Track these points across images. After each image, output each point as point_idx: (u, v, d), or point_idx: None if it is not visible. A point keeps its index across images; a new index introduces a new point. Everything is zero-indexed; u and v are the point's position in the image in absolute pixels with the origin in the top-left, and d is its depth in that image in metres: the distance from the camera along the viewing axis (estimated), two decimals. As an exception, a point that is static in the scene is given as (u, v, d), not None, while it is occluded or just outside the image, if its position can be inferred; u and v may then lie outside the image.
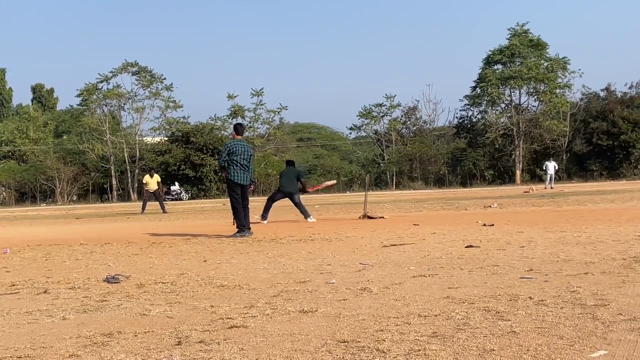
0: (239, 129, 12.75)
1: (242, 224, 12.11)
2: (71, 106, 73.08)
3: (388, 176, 67.43)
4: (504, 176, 62.90)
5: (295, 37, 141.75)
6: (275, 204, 16.77)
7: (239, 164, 12.10)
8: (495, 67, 64.66)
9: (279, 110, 70.59)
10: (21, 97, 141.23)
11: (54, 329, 4.60)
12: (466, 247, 8.70)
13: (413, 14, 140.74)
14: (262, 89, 69.63)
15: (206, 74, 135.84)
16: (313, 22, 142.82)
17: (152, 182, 27.42)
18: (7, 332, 4.58)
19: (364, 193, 18.70)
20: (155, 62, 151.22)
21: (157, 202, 27.65)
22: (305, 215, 15.97)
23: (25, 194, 65.97)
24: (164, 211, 26.26)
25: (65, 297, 5.95)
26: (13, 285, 6.88)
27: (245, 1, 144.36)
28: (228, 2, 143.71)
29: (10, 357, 3.90)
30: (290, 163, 17.10)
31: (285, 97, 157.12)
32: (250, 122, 70.40)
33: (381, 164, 69.56)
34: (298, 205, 16.16)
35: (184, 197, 57.07)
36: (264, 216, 15.92)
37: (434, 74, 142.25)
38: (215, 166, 60.76)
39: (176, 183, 58.54)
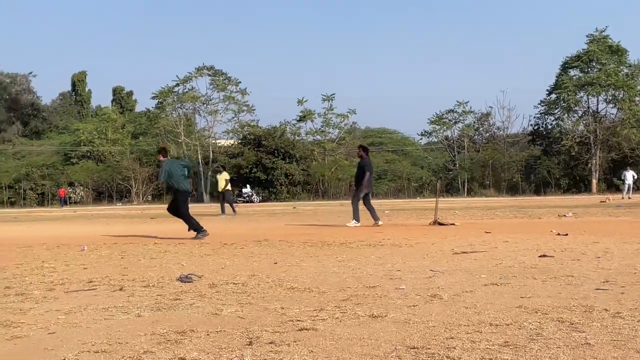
0: (164, 152, 14.60)
1: (199, 226, 13.36)
2: (148, 109, 74.87)
3: (459, 183, 66.69)
4: (579, 185, 61.38)
5: (366, 41, 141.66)
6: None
7: (181, 177, 13.73)
8: (572, 73, 63.21)
9: (348, 114, 70.75)
10: (100, 98, 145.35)
11: (129, 326, 4.72)
12: (539, 256, 8.53)
13: (488, 19, 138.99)
14: (333, 94, 69.99)
15: (276, 77, 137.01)
16: (385, 27, 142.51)
17: (220, 180, 26.99)
18: (84, 327, 4.72)
19: (434, 199, 18.54)
20: (228, 65, 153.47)
21: (226, 203, 26.81)
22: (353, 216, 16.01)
23: (102, 194, 67.82)
24: (224, 212, 25.95)
25: (140, 295, 6.10)
26: (90, 281, 7.08)
27: (316, 4, 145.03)
28: (300, 5, 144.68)
29: (88, 351, 4.03)
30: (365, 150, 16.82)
31: (357, 102, 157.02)
32: (321, 126, 70.78)
33: (452, 170, 68.85)
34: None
35: (255, 200, 57.67)
36: (375, 217, 15.91)
37: (508, 80, 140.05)
38: (286, 170, 61.26)
39: (248, 186, 59.21)
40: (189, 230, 13.50)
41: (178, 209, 13.83)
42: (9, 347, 4.21)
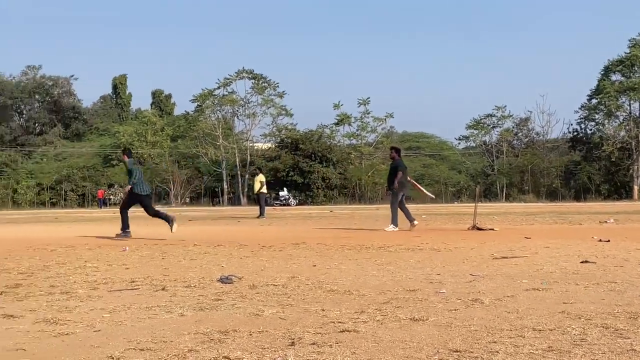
0: (129, 153, 15.38)
1: (126, 226, 14.59)
2: (187, 112, 75.54)
3: (498, 188, 66.14)
4: (620, 191, 60.47)
5: (404, 46, 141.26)
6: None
7: (143, 180, 14.89)
8: (614, 77, 62.29)
9: (385, 118, 70.68)
10: (140, 101, 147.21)
11: (173, 325, 4.79)
12: (581, 262, 8.43)
13: (526, 25, 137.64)
14: (369, 98, 70.04)
15: (314, 80, 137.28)
16: (423, 32, 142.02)
17: (255, 182, 26.96)
18: (129, 326, 4.80)
19: (472, 204, 18.42)
20: (265, 68, 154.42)
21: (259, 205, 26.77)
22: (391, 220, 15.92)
23: (141, 195, 68.47)
24: (261, 215, 25.86)
25: (182, 295, 6.17)
26: (133, 281, 7.18)
27: (355, 9, 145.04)
28: (338, 9, 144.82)
29: (134, 349, 4.09)
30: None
31: (395, 106, 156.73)
32: (357, 130, 70.77)
33: (491, 175, 68.32)
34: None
35: (292, 203, 57.85)
36: (410, 218, 15.84)
37: (548, 84, 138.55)
38: (323, 173, 61.34)
39: (285, 189, 59.44)
40: (118, 234, 14.44)
41: (145, 208, 14.75)
42: (57, 344, 4.29)
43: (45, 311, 5.42)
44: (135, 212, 16.05)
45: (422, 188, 18.98)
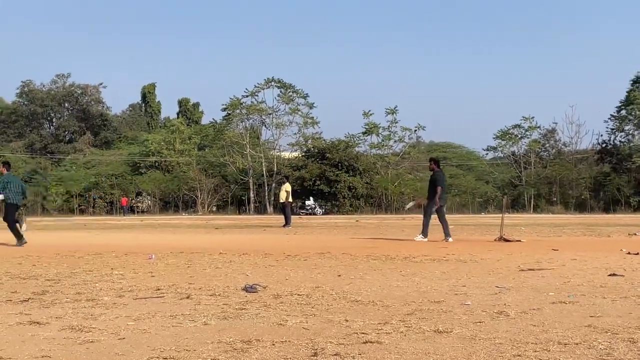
0: (8, 166, 15.98)
1: (19, 235, 15.25)
2: (214, 120, 75.95)
3: (525, 199, 65.60)
4: (650, 203, 59.65)
5: (432, 56, 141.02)
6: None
7: (12, 191, 15.42)
8: (644, 88, 61.60)
9: (416, 129, 70.52)
10: (167, 110, 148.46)
11: (197, 333, 4.80)
12: (609, 275, 8.33)
13: (555, 34, 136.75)
14: (396, 106, 69.84)
15: (341, 89, 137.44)
16: (450, 43, 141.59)
17: (281, 191, 26.94)
18: (153, 334, 4.82)
19: (499, 215, 18.29)
20: (292, 76, 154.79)
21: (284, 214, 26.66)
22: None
23: (169, 203, 69.01)
24: (286, 224, 25.77)
25: (206, 303, 6.20)
26: (158, 289, 7.23)
27: (384, 20, 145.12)
28: (366, 17, 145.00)
29: (157, 357, 4.12)
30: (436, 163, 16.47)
31: (423, 116, 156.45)
32: (383, 140, 70.64)
33: (518, 186, 67.80)
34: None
35: (318, 212, 57.84)
36: (446, 233, 15.66)
37: (578, 95, 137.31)
38: (349, 182, 61.28)
39: (311, 198, 59.47)
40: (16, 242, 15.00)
41: (5, 217, 15.52)
42: (81, 351, 4.33)
43: (70, 318, 5.47)
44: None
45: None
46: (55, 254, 12.20)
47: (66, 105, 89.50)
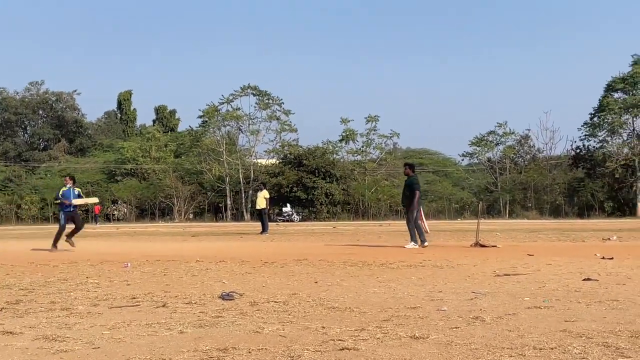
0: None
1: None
2: (191, 127, 75.72)
3: (501, 204, 66.05)
4: (623, 208, 60.24)
5: (408, 63, 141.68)
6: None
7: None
8: (617, 94, 62.31)
9: (391, 135, 70.79)
10: (145, 117, 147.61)
11: (172, 342, 4.77)
12: (583, 280, 8.40)
13: (529, 41, 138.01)
14: (377, 115, 70.05)
15: (319, 97, 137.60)
16: (426, 50, 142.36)
17: (259, 197, 26.83)
18: (128, 343, 4.78)
19: (475, 220, 18.38)
20: (270, 84, 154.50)
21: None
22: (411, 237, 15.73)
23: (145, 211, 68.62)
24: (264, 231, 25.61)
25: (182, 312, 6.16)
26: (134, 298, 7.17)
27: (358, 26, 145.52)
28: (343, 26, 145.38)
29: (132, 366, 4.08)
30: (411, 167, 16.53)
31: (399, 123, 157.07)
32: (362, 147, 70.82)
33: (494, 192, 68.27)
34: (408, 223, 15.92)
35: (295, 219, 57.79)
36: (422, 239, 15.69)
37: (552, 101, 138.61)
38: (326, 189, 61.32)
39: (288, 205, 59.41)
40: None
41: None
42: (55, 361, 4.28)
43: (44, 328, 5.41)
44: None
45: None
46: (30, 263, 12.08)
47: (40, 112, 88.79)
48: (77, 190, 16.84)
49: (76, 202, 16.60)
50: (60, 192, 16.50)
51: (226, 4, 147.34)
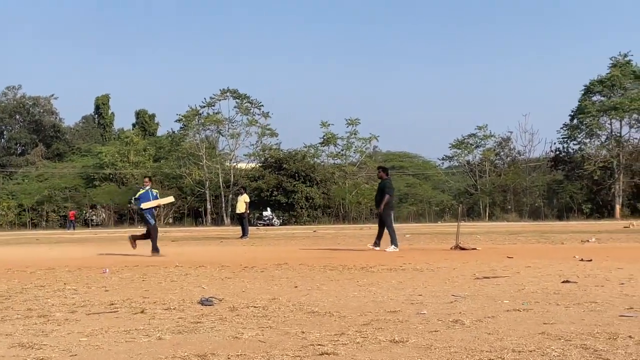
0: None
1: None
2: (172, 130, 75.42)
3: (481, 207, 66.39)
4: (602, 210, 60.79)
5: (387, 66, 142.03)
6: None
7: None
8: (595, 97, 62.93)
9: (370, 138, 70.87)
10: (123, 121, 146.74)
11: (151, 348, 4.73)
12: (562, 282, 8.45)
13: (508, 44, 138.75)
14: (358, 119, 70.10)
15: (300, 101, 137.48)
16: (406, 53, 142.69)
17: (239, 202, 26.73)
18: (106, 350, 4.74)
19: (455, 223, 18.43)
20: (252, 89, 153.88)
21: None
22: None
23: (124, 216, 68.19)
24: (244, 235, 25.55)
25: (161, 318, 6.11)
26: (112, 304, 7.11)
27: (341, 30, 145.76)
28: (325, 30, 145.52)
29: (109, 373, 4.04)
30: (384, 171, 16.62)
31: (379, 126, 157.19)
32: (342, 150, 70.88)
33: (474, 195, 68.61)
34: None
35: (276, 223, 57.68)
36: (376, 242, 15.79)
37: (531, 104, 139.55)
38: (307, 193, 61.30)
39: (268, 209, 59.30)
40: None
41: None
42: (31, 369, 4.23)
43: (21, 335, 5.35)
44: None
45: None
46: (6, 270, 11.94)
47: (17, 117, 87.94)
48: (155, 192, 16.22)
49: (147, 205, 15.73)
50: (138, 194, 15.87)
51: (205, 8, 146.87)
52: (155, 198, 16.16)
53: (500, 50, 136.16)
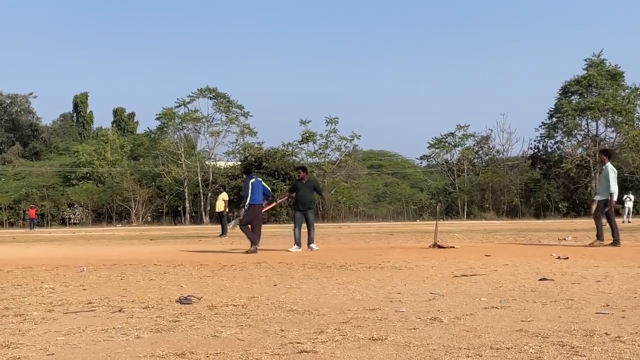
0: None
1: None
2: (150, 129, 75.02)
3: (459, 205, 66.74)
4: (578, 208, 61.36)
5: (368, 64, 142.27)
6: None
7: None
8: (572, 97, 63.51)
9: (351, 138, 70.91)
10: (102, 120, 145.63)
11: (129, 347, 4.71)
12: (539, 279, 8.52)
13: (486, 44, 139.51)
14: (337, 118, 70.10)
15: (281, 100, 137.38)
16: (387, 52, 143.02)
17: (219, 200, 26.62)
18: (83, 349, 4.70)
19: (434, 222, 18.52)
20: (231, 87, 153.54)
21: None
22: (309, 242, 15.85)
23: (102, 215, 67.82)
24: (223, 234, 25.52)
25: (139, 316, 6.08)
26: (89, 303, 7.07)
27: (319, 28, 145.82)
28: (305, 29, 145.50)
29: (87, 372, 4.01)
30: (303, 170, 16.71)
31: (359, 124, 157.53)
32: (320, 149, 70.89)
33: (452, 193, 68.93)
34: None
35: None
36: (296, 240, 15.83)
37: (509, 104, 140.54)
38: (286, 191, 61.30)
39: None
40: None
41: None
42: (8, 368, 4.19)
43: (-3, 335, 5.30)
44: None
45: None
46: (-18, 269, 11.81)
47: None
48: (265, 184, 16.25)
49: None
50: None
51: (185, 6, 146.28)
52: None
53: (481, 48, 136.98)
